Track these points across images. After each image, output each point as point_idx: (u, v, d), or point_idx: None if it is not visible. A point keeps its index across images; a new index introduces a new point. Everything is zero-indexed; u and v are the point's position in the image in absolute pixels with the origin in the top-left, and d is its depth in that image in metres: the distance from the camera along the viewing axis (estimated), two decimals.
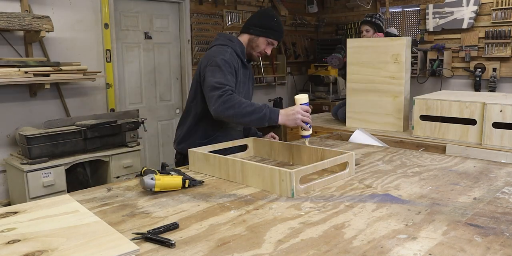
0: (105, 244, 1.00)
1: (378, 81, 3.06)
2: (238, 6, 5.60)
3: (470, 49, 5.18)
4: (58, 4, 3.88)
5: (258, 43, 2.21)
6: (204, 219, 1.29)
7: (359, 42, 3.15)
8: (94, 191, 1.59)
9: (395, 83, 2.99)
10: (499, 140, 2.42)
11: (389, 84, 3.01)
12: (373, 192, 1.52)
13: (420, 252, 1.04)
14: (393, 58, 2.96)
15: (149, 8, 4.73)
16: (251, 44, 2.22)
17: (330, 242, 1.11)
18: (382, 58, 3.01)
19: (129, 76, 4.64)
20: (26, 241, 1.03)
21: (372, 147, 2.35)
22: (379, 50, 3.02)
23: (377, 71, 3.05)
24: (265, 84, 6.00)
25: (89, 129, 3.47)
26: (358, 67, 3.14)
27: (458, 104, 2.57)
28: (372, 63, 3.06)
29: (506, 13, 4.86)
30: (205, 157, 1.82)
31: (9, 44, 3.59)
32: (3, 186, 3.66)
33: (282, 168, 1.52)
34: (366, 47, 3.07)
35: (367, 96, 3.13)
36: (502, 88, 5.02)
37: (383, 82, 3.04)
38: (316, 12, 6.60)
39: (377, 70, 3.05)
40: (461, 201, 1.42)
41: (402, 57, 2.93)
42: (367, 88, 3.12)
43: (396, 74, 2.97)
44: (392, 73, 2.99)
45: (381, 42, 3.04)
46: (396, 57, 2.95)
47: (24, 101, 3.74)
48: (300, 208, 1.37)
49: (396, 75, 2.98)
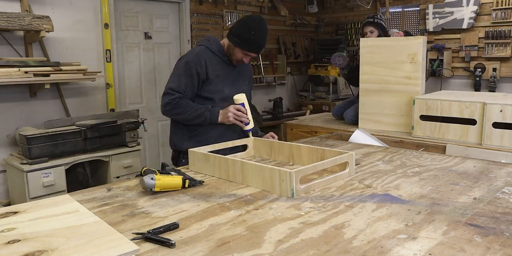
0: (105, 244, 1.00)
1: (393, 81, 2.99)
2: (238, 6, 5.60)
3: (470, 49, 5.18)
4: (58, 4, 3.88)
5: (234, 52, 2.23)
6: (204, 219, 1.29)
7: (372, 42, 3.08)
8: (94, 191, 1.59)
9: (412, 83, 2.91)
10: (499, 140, 2.42)
11: (405, 85, 2.94)
12: (373, 192, 1.52)
13: (420, 252, 1.04)
14: (410, 58, 2.90)
15: (149, 8, 4.73)
16: (228, 50, 2.25)
17: (330, 242, 1.11)
18: (398, 58, 2.94)
19: (129, 76, 4.64)
20: (26, 241, 1.03)
21: (372, 147, 2.35)
22: (395, 50, 2.95)
23: (392, 71, 2.98)
24: (265, 84, 6.00)
25: (89, 129, 3.47)
26: (372, 67, 3.06)
27: (458, 104, 2.57)
28: (387, 63, 2.99)
29: (506, 13, 4.86)
30: (205, 157, 1.82)
31: (9, 44, 3.59)
32: (3, 186, 3.66)
33: (282, 168, 1.52)
34: (380, 47, 3.01)
35: (381, 96, 3.05)
36: (502, 88, 5.02)
37: (399, 83, 2.97)
38: (316, 12, 6.60)
39: (392, 70, 2.98)
40: (461, 201, 1.42)
41: (418, 57, 2.88)
42: (381, 88, 3.05)
43: (412, 74, 2.91)
44: (408, 73, 2.92)
45: (397, 41, 2.97)
46: (413, 57, 2.89)
47: (24, 101, 3.74)
48: (300, 208, 1.37)
49: (412, 75, 2.91)
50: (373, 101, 3.10)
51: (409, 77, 2.92)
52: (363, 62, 3.11)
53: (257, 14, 5.83)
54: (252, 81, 2.58)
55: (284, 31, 6.37)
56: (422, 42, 2.88)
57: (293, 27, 6.48)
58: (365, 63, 3.10)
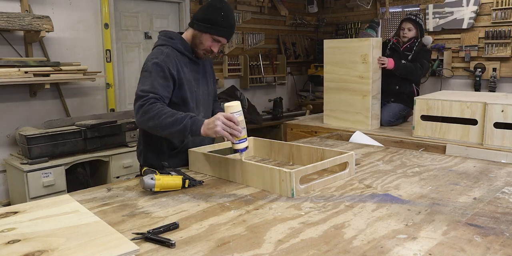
0: (105, 244, 1.00)
1: (350, 80, 3.21)
2: (238, 6, 5.60)
3: (470, 49, 5.17)
4: (58, 4, 3.88)
5: (201, 40, 1.94)
6: (204, 219, 1.29)
7: (334, 43, 3.33)
8: (94, 191, 1.59)
9: (364, 82, 3.14)
10: (500, 140, 2.42)
11: (359, 83, 3.16)
12: (373, 192, 1.52)
13: (420, 252, 1.04)
14: (362, 58, 3.12)
15: (149, 8, 4.73)
16: (195, 40, 1.96)
17: (330, 242, 1.11)
18: (353, 58, 3.17)
19: (129, 76, 4.64)
20: (26, 241, 1.03)
21: (372, 147, 2.35)
22: (350, 51, 3.18)
23: (348, 71, 3.21)
24: (265, 84, 6.00)
25: (89, 129, 3.47)
26: (332, 66, 3.31)
27: (459, 104, 2.57)
28: (344, 63, 3.23)
29: (506, 13, 4.85)
30: (205, 157, 1.82)
31: (9, 44, 3.59)
32: (3, 186, 3.66)
33: (282, 168, 1.52)
34: (340, 48, 3.25)
35: (340, 94, 3.30)
36: (502, 88, 5.02)
37: (354, 81, 3.20)
38: (316, 12, 6.60)
39: (348, 69, 3.21)
40: (461, 201, 1.42)
41: (369, 58, 3.09)
42: (340, 87, 3.29)
43: (364, 73, 3.12)
44: (361, 72, 3.14)
45: (352, 42, 3.23)
46: (364, 58, 3.10)
47: (24, 101, 3.74)
48: (300, 208, 1.37)
49: (364, 75, 3.12)
50: (334, 99, 3.35)
51: (362, 76, 3.15)
52: (326, 62, 3.37)
53: (257, 14, 5.84)
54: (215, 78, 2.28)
55: (284, 31, 6.37)
56: (372, 43, 3.09)
57: (293, 27, 6.48)
58: (327, 63, 3.36)
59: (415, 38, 3.52)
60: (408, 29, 3.50)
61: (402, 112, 3.45)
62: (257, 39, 5.90)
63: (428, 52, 3.62)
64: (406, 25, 3.51)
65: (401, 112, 3.44)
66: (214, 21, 1.89)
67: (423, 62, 3.44)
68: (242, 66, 5.68)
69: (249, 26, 5.78)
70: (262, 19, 5.99)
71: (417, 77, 3.48)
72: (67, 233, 1.07)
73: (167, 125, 1.71)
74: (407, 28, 3.50)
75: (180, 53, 1.96)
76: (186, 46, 1.98)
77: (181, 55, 1.96)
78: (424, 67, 3.44)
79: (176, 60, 1.93)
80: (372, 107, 3.13)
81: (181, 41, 1.98)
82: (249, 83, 5.72)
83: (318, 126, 3.36)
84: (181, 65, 1.94)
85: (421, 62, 3.43)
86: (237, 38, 5.62)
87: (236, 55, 5.65)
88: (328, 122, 3.40)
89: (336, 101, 3.33)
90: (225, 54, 5.46)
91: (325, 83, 3.39)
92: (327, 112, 3.43)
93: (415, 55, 3.47)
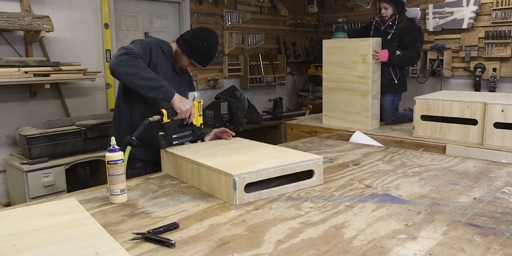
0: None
1: (349, 80, 3.20)
2: (238, 6, 5.59)
3: (470, 49, 5.17)
4: (58, 4, 3.87)
5: (180, 59, 2.10)
6: (204, 219, 1.29)
7: (333, 43, 3.32)
8: (94, 191, 1.59)
9: (363, 82, 3.12)
10: (501, 140, 2.42)
11: (358, 83, 3.15)
12: (373, 192, 1.52)
13: (420, 252, 1.04)
14: (361, 58, 3.10)
15: (149, 8, 4.73)
16: (175, 56, 2.12)
17: (330, 242, 1.11)
18: (352, 58, 3.16)
19: None
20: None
21: (372, 147, 2.34)
22: (350, 51, 3.17)
23: (348, 71, 3.20)
24: (265, 84, 6.00)
25: (89, 129, 3.47)
26: (331, 66, 3.30)
27: (459, 104, 2.57)
28: (344, 63, 3.21)
29: (506, 13, 4.85)
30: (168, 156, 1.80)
31: (9, 44, 3.59)
32: (3, 186, 3.66)
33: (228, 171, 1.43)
34: (339, 48, 3.24)
35: (340, 94, 3.29)
36: (502, 88, 5.01)
37: (353, 81, 3.18)
38: (316, 12, 6.59)
39: (348, 69, 3.20)
40: (461, 201, 1.42)
41: (369, 57, 3.08)
42: (340, 87, 3.28)
43: (364, 73, 3.11)
44: (361, 72, 3.13)
45: (352, 42, 3.21)
46: (364, 57, 3.09)
47: (24, 101, 3.74)
48: (300, 208, 1.36)
49: (364, 75, 3.11)
50: (334, 99, 3.35)
51: (362, 76, 3.13)
52: (325, 62, 3.36)
53: (257, 14, 5.84)
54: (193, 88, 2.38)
55: (284, 31, 6.36)
56: (372, 43, 3.08)
57: (293, 27, 6.48)
58: (326, 63, 3.35)
59: (394, 15, 3.39)
60: (384, 8, 3.38)
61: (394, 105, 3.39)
62: (257, 39, 5.90)
63: (417, 31, 3.41)
64: (381, 5, 3.40)
65: (393, 106, 3.39)
66: (196, 47, 2.05)
67: (416, 47, 3.30)
68: (242, 66, 5.68)
69: (249, 26, 5.78)
70: (262, 19, 5.98)
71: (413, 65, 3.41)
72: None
73: (147, 78, 1.80)
74: (383, 8, 3.39)
75: (163, 52, 2.07)
76: (168, 49, 2.11)
77: (163, 54, 2.08)
78: (418, 52, 3.32)
79: (158, 52, 2.03)
80: (372, 107, 3.12)
81: (167, 46, 2.11)
82: (249, 83, 5.71)
83: (318, 126, 3.36)
84: (160, 59, 2.04)
85: (414, 46, 3.29)
86: (237, 38, 5.62)
87: (236, 55, 5.65)
88: (327, 122, 3.39)
89: (336, 101, 3.33)
90: (225, 54, 5.46)
91: (324, 83, 3.38)
92: (326, 112, 3.42)
93: (400, 33, 3.33)
